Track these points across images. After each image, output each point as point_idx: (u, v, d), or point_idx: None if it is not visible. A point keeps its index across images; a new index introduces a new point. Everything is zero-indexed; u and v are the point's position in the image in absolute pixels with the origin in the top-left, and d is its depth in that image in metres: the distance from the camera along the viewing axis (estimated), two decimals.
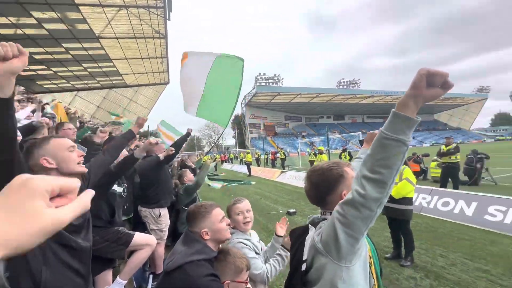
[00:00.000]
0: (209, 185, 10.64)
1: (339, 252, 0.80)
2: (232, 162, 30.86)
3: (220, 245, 1.37)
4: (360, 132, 15.74)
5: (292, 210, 6.42)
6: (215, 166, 23.16)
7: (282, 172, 13.86)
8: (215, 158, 19.76)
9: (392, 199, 3.59)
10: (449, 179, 7.21)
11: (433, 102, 72.65)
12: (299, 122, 73.13)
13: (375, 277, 0.91)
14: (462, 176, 8.38)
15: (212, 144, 76.27)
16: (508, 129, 77.87)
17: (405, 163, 3.77)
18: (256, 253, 1.49)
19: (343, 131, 70.38)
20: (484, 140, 64.65)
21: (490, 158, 9.51)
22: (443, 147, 7.40)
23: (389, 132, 0.70)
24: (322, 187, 1.01)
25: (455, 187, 6.94)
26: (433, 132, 71.87)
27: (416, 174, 10.89)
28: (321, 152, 11.80)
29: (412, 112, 0.69)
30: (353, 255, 0.81)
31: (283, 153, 19.44)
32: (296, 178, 11.46)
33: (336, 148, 33.20)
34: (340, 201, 0.82)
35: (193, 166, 5.51)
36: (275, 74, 57.62)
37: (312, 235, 0.95)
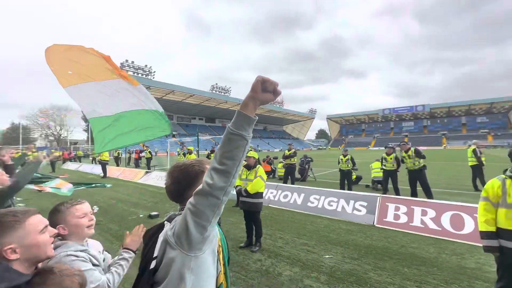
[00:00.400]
0: (39, 190, 8.05)
1: (190, 242, 0.84)
2: (80, 161, 24.86)
3: (40, 265, 1.03)
4: None
5: (154, 213, 5.96)
6: (52, 165, 17.77)
7: (146, 172, 12.64)
8: (51, 154, 15.02)
9: (248, 194, 4.12)
10: (289, 177, 9.22)
11: (283, 116, 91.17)
12: (171, 120, 69.69)
13: (222, 264, 0.99)
14: (297, 174, 10.93)
15: (51, 138, 58.27)
16: (324, 141, 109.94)
17: (259, 163, 4.45)
18: (95, 264, 1.23)
19: (213, 133, 73.83)
20: (312, 148, 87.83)
21: (314, 161, 13.04)
22: (286, 151, 9.38)
23: (233, 127, 0.79)
24: (183, 182, 1.03)
25: (292, 183, 8.95)
26: (282, 140, 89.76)
27: (268, 173, 13.12)
28: (190, 152, 11.76)
29: (251, 111, 0.80)
30: (203, 244, 0.86)
31: (149, 152, 17.83)
32: (162, 179, 10.79)
33: (206, 150, 34.32)
34: (193, 193, 0.85)
35: (8, 162, 3.93)
36: (146, 65, 52.18)
37: (166, 230, 0.93)
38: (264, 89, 0.80)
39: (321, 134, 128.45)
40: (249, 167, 4.31)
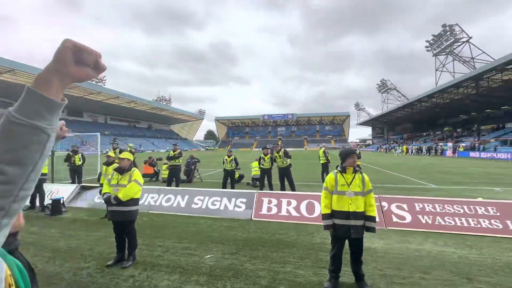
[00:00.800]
0: None
1: None
2: None
3: None
4: (99, 134, 14.28)
5: None
6: None
7: None
8: None
9: (120, 202, 3.55)
10: (174, 179, 8.75)
11: (171, 115, 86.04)
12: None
13: None
14: (183, 176, 10.57)
15: None
16: (212, 142, 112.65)
17: (135, 166, 3.93)
18: None
19: (80, 129, 60.19)
20: (200, 149, 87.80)
21: (201, 162, 13.01)
22: (171, 152, 8.86)
23: (19, 114, 0.50)
24: None
25: (177, 185, 8.55)
26: (169, 140, 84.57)
27: (151, 176, 11.99)
28: None
29: (55, 91, 0.54)
30: None
31: None
32: None
33: (68, 150, 27.31)
34: None
35: None
36: None
37: None
38: (79, 60, 0.56)
39: (210, 135, 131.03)
40: (121, 171, 3.73)
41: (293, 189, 7.86)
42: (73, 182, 9.15)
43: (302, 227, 5.06)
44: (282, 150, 8.19)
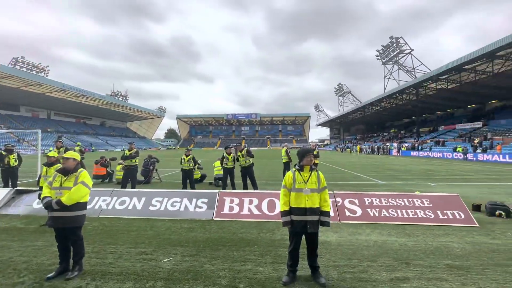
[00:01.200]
0: None
1: None
2: None
3: None
4: (40, 130, 12.57)
5: None
6: None
7: None
8: None
9: (63, 207, 3.19)
10: (129, 180, 8.18)
11: (127, 112, 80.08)
12: None
13: None
14: (140, 177, 9.95)
15: None
16: (174, 141, 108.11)
17: (83, 166, 3.58)
18: None
19: (17, 126, 52.77)
20: (160, 148, 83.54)
21: (160, 161, 12.40)
22: (126, 151, 8.27)
23: None
24: None
25: (133, 187, 8.02)
26: (124, 138, 78.82)
27: (103, 177, 11.05)
28: None
29: None
30: None
31: None
32: None
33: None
34: None
35: None
36: None
37: None
38: None
39: (171, 133, 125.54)
40: (66, 172, 3.36)
41: (255, 187, 7.97)
42: (5, 186, 7.98)
43: (263, 225, 5.16)
44: (245, 149, 8.24)
